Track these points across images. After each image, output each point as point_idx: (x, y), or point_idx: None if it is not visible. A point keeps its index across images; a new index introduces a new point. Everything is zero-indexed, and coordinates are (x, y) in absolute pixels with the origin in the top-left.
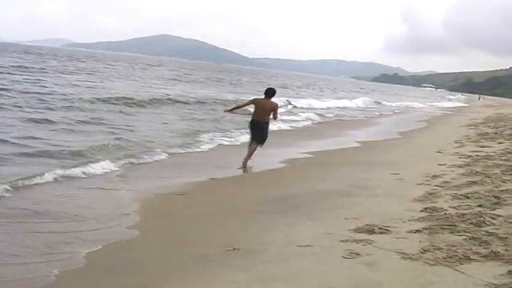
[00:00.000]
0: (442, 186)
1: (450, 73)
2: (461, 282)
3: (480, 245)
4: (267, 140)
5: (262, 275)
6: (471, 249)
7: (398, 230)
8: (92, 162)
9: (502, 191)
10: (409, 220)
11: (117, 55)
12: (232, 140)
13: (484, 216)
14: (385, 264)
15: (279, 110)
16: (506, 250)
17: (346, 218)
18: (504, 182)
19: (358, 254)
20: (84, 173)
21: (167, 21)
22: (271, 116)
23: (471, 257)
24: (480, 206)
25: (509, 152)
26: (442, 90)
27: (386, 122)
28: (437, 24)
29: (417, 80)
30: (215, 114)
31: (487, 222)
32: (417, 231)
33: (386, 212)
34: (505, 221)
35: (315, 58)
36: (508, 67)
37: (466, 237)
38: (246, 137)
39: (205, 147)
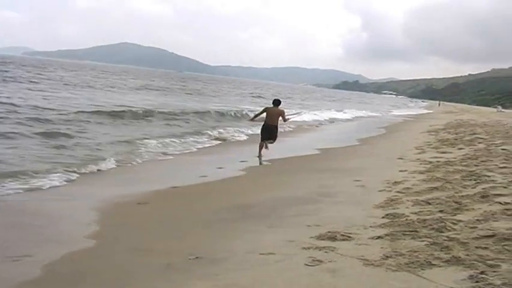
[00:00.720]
0: (403, 193)
1: (410, 80)
2: None
3: (442, 250)
4: (276, 139)
5: (225, 283)
6: (433, 254)
7: (360, 237)
8: (48, 172)
9: (462, 196)
10: (371, 226)
11: (78, 63)
12: (191, 147)
13: (445, 221)
14: (348, 270)
15: (287, 115)
16: (467, 255)
17: (308, 225)
18: (464, 188)
19: (320, 261)
20: (40, 184)
21: (128, 29)
22: (280, 119)
23: (433, 263)
24: (441, 211)
25: (469, 158)
26: (403, 96)
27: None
28: (398, 32)
29: (378, 87)
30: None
31: (448, 228)
32: (379, 237)
33: (349, 218)
34: (465, 226)
35: (277, 66)
36: (467, 74)
37: (428, 243)
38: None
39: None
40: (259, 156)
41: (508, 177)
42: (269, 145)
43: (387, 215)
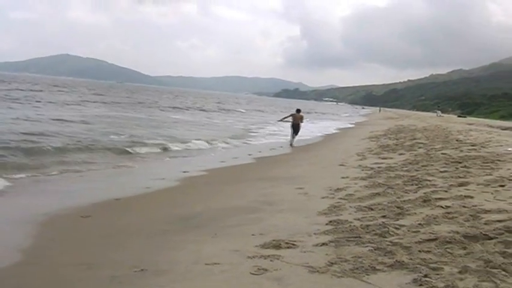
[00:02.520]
0: (346, 199)
1: (350, 87)
2: None
3: (385, 255)
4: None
5: None
6: (377, 259)
7: (304, 244)
8: None
9: (404, 201)
10: (315, 234)
11: (15, 76)
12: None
13: (388, 226)
14: (293, 278)
15: (304, 119)
16: (411, 259)
17: (253, 234)
18: (406, 193)
19: (266, 270)
20: None
21: (67, 40)
22: (301, 121)
23: (377, 268)
24: (384, 216)
25: (410, 163)
26: (343, 103)
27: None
28: (337, 40)
29: (319, 95)
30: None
31: (391, 233)
32: (323, 244)
33: (293, 226)
34: (408, 231)
35: (217, 75)
36: (406, 79)
37: (372, 248)
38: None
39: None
40: (291, 144)
41: (448, 181)
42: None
43: (331, 221)
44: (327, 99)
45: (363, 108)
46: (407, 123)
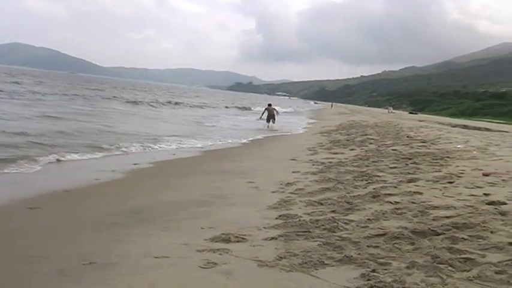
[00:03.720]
0: (296, 194)
1: (304, 81)
2: (317, 287)
3: (334, 250)
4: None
5: None
6: (325, 254)
7: (254, 238)
8: None
9: (353, 196)
10: (264, 228)
11: None
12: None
13: (337, 221)
14: (242, 272)
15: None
16: (359, 254)
17: (202, 228)
18: (356, 188)
19: (215, 264)
20: None
21: (20, 28)
22: (276, 112)
23: (326, 262)
24: (333, 211)
25: (360, 159)
26: (296, 98)
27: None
28: (292, 34)
29: (272, 89)
30: None
31: (340, 228)
32: (273, 238)
33: (242, 220)
34: (357, 226)
35: (171, 67)
36: (359, 75)
37: (321, 243)
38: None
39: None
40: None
41: (397, 177)
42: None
43: (281, 216)
44: (279, 93)
45: (316, 103)
46: (359, 119)
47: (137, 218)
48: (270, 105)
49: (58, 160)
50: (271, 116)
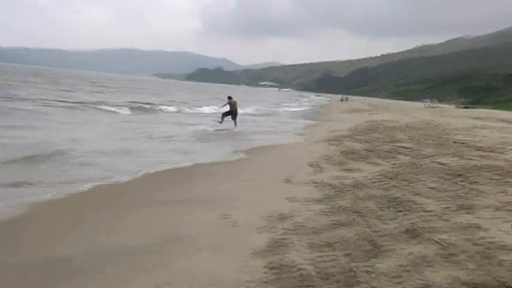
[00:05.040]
0: (293, 231)
1: (300, 65)
2: None
3: None
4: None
5: None
6: None
7: None
8: None
9: (379, 234)
10: (247, 285)
11: None
12: None
13: (356, 273)
14: None
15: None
16: None
17: (156, 285)
18: (382, 221)
19: None
20: None
21: None
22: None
23: None
24: (350, 257)
25: (387, 177)
26: (288, 89)
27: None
28: None
29: (253, 77)
30: None
31: (362, 281)
32: None
33: (214, 273)
34: (386, 279)
35: (102, 47)
36: (379, 54)
37: None
38: None
39: None
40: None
41: (444, 204)
42: None
43: (271, 266)
44: (265, 83)
45: (318, 95)
46: (381, 119)
47: (63, 272)
48: (230, 98)
49: None
50: (234, 113)
